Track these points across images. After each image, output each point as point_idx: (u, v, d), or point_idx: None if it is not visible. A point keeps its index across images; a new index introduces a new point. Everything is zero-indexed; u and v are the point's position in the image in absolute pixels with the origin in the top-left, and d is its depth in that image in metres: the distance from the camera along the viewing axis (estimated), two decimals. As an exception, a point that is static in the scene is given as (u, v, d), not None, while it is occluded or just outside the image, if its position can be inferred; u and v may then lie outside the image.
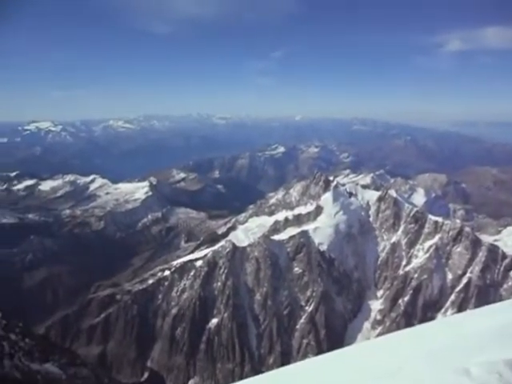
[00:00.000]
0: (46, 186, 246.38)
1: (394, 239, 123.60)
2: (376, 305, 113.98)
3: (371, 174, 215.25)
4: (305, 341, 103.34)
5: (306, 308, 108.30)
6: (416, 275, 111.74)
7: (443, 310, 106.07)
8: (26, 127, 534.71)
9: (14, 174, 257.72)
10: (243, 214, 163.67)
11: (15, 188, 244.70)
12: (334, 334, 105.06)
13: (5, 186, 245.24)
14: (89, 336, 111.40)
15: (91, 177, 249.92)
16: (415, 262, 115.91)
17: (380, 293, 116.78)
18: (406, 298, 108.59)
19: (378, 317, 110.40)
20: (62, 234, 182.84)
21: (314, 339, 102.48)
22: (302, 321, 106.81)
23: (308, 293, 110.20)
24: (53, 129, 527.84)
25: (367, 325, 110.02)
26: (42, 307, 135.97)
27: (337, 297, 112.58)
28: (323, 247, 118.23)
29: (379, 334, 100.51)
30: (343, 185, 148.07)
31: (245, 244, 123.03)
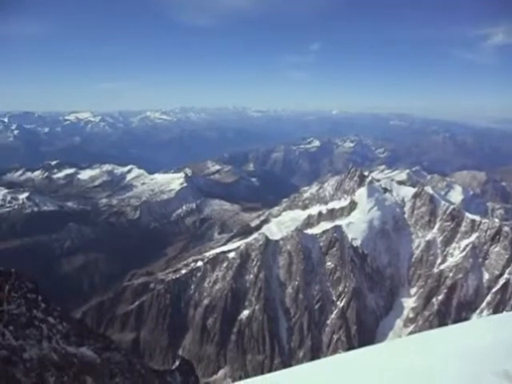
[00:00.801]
0: (85, 175, 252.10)
1: (429, 237, 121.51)
2: (409, 302, 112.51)
3: (407, 170, 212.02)
4: (335, 336, 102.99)
5: (338, 303, 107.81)
6: (451, 274, 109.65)
7: (478, 311, 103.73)
8: (66, 117, 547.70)
9: (54, 162, 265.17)
10: (277, 208, 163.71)
11: (55, 176, 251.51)
12: (365, 331, 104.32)
13: (46, 175, 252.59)
14: (123, 322, 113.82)
15: (128, 167, 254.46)
16: (450, 261, 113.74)
17: (413, 290, 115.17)
18: (440, 297, 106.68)
19: (411, 315, 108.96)
20: (98, 223, 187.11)
21: (344, 335, 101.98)
22: (333, 316, 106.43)
23: (340, 288, 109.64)
24: (92, 119, 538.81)
25: (399, 322, 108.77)
26: (79, 292, 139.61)
27: (369, 293, 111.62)
28: (356, 243, 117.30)
29: (411, 332, 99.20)
30: (378, 180, 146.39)
31: (278, 237, 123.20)
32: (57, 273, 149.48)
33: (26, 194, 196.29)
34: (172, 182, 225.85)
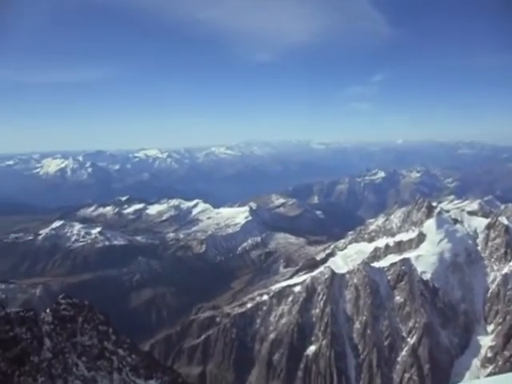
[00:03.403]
0: (153, 209, 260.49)
1: (505, 270, 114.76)
2: (486, 341, 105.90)
3: (478, 200, 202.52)
4: (407, 375, 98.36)
5: (408, 340, 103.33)
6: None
7: None
8: (135, 154, 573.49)
9: (124, 198, 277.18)
10: (342, 241, 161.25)
11: (125, 212, 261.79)
12: (438, 370, 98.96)
13: (116, 210, 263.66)
14: (190, 356, 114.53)
15: (194, 201, 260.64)
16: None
17: (491, 328, 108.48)
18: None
19: (489, 354, 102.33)
20: (166, 256, 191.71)
21: (416, 373, 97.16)
22: (403, 353, 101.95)
23: (410, 324, 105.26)
24: (159, 156, 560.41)
25: (476, 362, 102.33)
26: (147, 325, 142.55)
27: (442, 330, 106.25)
28: (426, 276, 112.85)
29: (490, 374, 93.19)
30: (448, 211, 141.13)
31: (344, 271, 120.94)
32: (126, 306, 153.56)
33: (98, 229, 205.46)
34: (237, 215, 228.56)
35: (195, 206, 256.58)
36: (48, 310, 36.42)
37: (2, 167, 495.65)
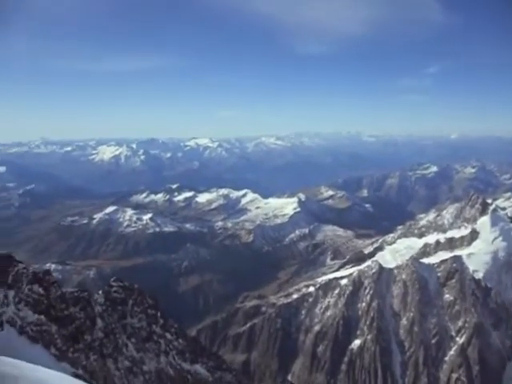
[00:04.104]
0: (203, 198, 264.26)
1: None
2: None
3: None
4: (454, 375, 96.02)
5: (457, 339, 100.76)
6: None
7: None
8: (186, 143, 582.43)
9: (175, 186, 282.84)
10: (391, 235, 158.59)
11: (175, 199, 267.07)
12: (489, 372, 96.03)
13: (167, 197, 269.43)
14: (234, 343, 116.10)
15: (243, 191, 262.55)
16: None
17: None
18: None
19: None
20: (214, 244, 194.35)
21: (465, 375, 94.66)
22: (451, 352, 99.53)
23: (459, 323, 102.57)
24: (210, 145, 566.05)
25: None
26: (194, 311, 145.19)
27: (493, 330, 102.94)
28: (478, 275, 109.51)
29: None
30: (503, 209, 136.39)
31: (392, 265, 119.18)
32: (174, 291, 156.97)
33: (149, 215, 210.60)
34: (285, 206, 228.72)
35: (244, 195, 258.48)
36: (100, 292, 37.86)
37: (60, 153, 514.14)
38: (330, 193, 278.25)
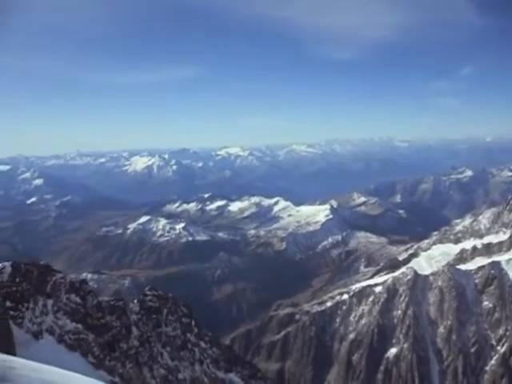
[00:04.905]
0: (235, 206, 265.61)
1: None
2: None
3: None
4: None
5: (498, 348, 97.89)
6: None
7: None
8: (218, 152, 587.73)
9: (207, 195, 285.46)
10: (426, 241, 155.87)
11: (208, 208, 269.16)
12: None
13: (199, 206, 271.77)
14: (269, 352, 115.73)
15: (275, 199, 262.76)
16: None
17: None
18: None
19: None
20: (246, 253, 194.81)
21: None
22: (492, 362, 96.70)
23: (500, 331, 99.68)
24: (241, 153, 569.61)
25: None
26: (228, 320, 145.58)
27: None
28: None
29: None
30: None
31: (427, 272, 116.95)
32: (208, 300, 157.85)
33: (182, 225, 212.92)
34: (317, 213, 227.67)
35: (276, 203, 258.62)
36: (136, 301, 38.45)
37: (95, 165, 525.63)
38: (363, 199, 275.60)
